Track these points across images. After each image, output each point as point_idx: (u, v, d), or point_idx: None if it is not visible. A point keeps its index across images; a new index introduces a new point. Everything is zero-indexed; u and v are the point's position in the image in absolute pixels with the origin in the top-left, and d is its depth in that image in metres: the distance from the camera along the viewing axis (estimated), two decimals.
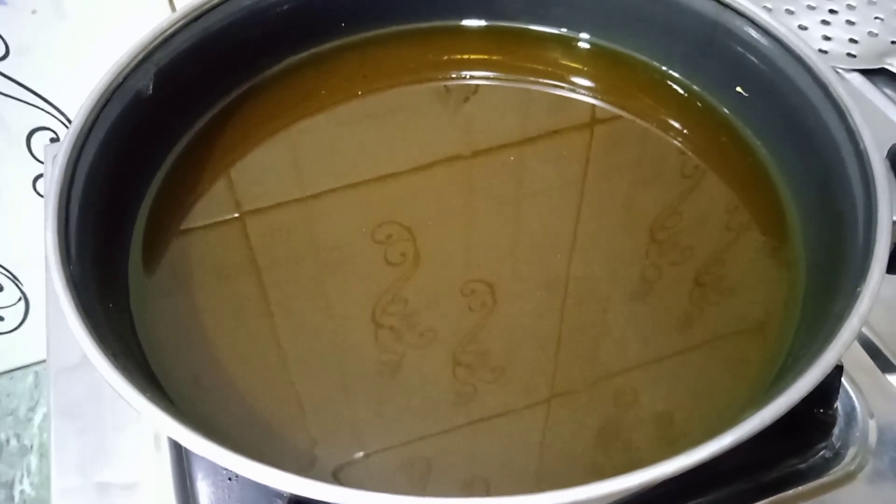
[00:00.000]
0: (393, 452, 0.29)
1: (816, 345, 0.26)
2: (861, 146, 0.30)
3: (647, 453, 0.29)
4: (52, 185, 0.29)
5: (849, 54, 0.50)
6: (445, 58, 0.42)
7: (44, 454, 0.73)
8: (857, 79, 0.49)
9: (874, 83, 0.49)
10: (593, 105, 0.40)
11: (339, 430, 0.30)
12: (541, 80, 0.41)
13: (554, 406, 0.30)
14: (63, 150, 0.30)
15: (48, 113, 0.55)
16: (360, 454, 0.29)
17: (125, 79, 0.33)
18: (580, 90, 0.41)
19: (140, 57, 0.34)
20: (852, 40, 0.51)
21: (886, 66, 0.49)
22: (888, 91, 0.49)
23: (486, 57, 0.42)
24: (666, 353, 0.32)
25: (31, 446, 0.74)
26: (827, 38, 0.51)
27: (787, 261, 0.34)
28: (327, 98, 0.41)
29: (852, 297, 0.26)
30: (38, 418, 0.76)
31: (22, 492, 0.72)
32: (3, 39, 0.50)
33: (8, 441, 0.75)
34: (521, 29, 0.42)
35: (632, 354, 0.31)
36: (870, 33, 0.52)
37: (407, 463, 0.29)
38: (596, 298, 0.33)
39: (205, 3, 0.36)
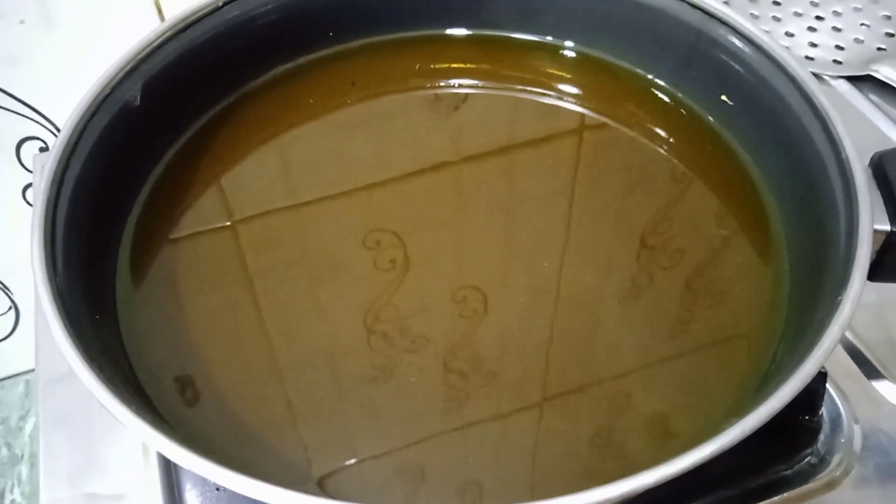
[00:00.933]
0: (385, 459, 0.29)
1: (799, 353, 0.26)
2: (843, 155, 0.30)
3: (639, 459, 0.29)
4: (39, 195, 0.29)
5: (835, 61, 0.51)
6: (433, 66, 0.42)
7: (34, 463, 0.73)
8: (843, 85, 0.50)
9: (860, 90, 0.49)
10: (580, 113, 0.41)
11: (331, 437, 0.30)
12: (528, 88, 0.41)
13: (546, 411, 0.30)
14: (50, 161, 0.30)
15: (37, 123, 0.55)
16: (353, 461, 0.29)
17: (113, 90, 0.33)
18: (567, 98, 0.41)
19: (127, 68, 0.34)
20: (839, 47, 0.52)
21: (872, 73, 0.50)
22: (874, 98, 0.49)
23: (473, 66, 0.42)
24: (656, 359, 0.32)
25: (22, 455, 0.74)
26: (813, 45, 0.52)
27: (771, 268, 0.34)
28: (316, 107, 0.41)
29: (834, 305, 0.26)
30: (28, 427, 0.75)
31: (13, 501, 0.72)
32: None
33: None
34: (506, 37, 0.42)
35: (622, 359, 0.32)
36: (856, 40, 0.52)
37: (400, 470, 0.29)
38: (585, 304, 0.33)
39: (192, 14, 0.36)
